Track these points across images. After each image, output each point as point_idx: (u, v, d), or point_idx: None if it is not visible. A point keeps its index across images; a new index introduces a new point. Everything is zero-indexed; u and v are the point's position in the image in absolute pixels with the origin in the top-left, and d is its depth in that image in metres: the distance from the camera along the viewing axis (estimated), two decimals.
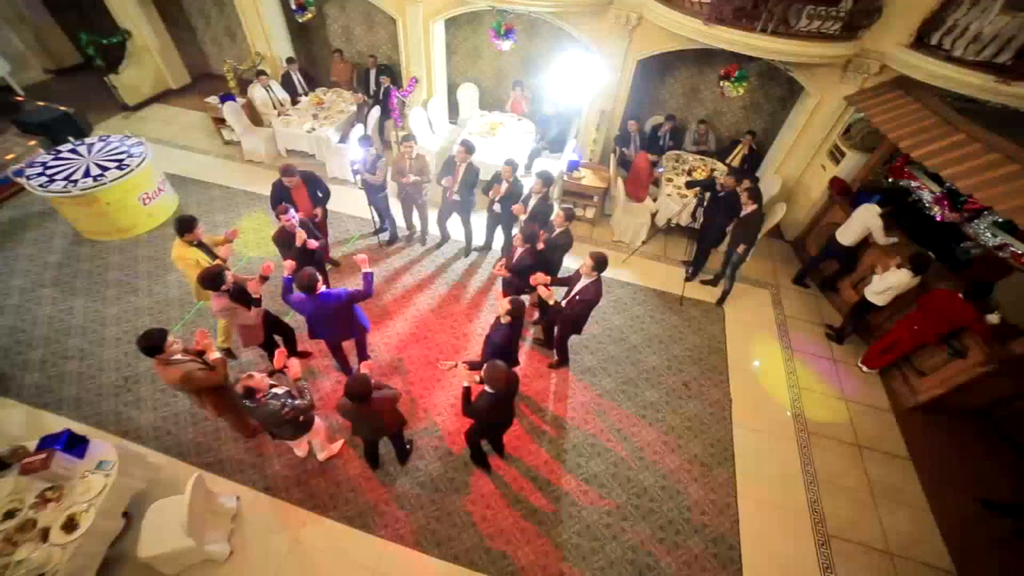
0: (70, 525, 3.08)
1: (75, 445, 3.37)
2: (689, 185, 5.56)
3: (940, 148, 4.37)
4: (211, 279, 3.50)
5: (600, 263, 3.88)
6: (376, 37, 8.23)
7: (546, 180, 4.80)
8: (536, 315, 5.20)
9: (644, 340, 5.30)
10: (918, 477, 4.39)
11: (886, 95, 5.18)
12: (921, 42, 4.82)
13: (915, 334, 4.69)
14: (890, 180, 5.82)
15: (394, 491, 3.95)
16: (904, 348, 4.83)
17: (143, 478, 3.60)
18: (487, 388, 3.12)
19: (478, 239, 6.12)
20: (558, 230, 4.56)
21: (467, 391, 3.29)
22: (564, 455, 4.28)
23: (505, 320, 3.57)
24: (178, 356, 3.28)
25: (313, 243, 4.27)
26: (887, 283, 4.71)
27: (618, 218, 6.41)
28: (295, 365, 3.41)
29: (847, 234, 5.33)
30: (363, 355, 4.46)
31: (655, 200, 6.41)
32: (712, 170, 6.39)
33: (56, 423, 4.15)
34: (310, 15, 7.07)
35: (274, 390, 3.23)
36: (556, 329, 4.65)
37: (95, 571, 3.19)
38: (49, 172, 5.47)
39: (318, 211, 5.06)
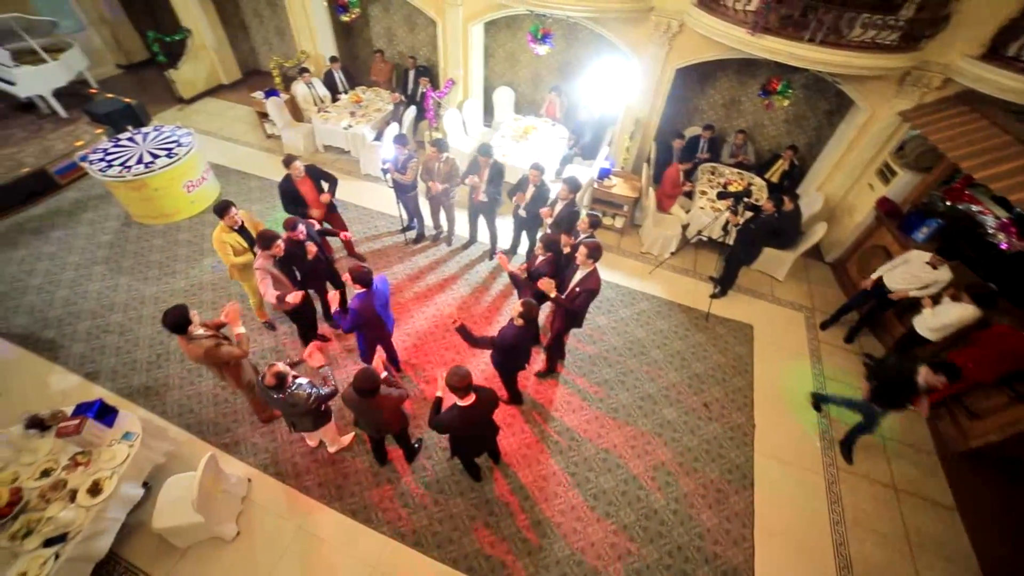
0: (95, 489, 3.25)
1: (106, 414, 3.56)
2: (721, 195, 5.34)
3: (1010, 170, 4.01)
4: (265, 239, 3.81)
5: (595, 250, 3.78)
6: (417, 39, 8.40)
7: (573, 186, 4.73)
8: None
9: (666, 356, 5.11)
10: (965, 531, 4.00)
11: (948, 111, 4.81)
12: (995, 53, 4.46)
13: (971, 372, 4.28)
14: (948, 203, 5.41)
15: (399, 489, 3.96)
16: (956, 386, 4.42)
17: (163, 452, 3.76)
18: (457, 401, 3.01)
19: (503, 242, 6.10)
20: (583, 236, 4.47)
21: (438, 401, 3.19)
22: (573, 467, 4.17)
23: (518, 322, 3.52)
24: (200, 332, 3.41)
25: (314, 248, 4.25)
26: (946, 318, 4.28)
27: (647, 229, 6.24)
28: (317, 354, 3.47)
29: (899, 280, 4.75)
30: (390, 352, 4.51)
31: (687, 212, 6.21)
32: (749, 184, 6.13)
33: (93, 392, 4.42)
34: (353, 15, 7.29)
35: (298, 380, 3.30)
36: (554, 324, 4.49)
37: (114, 536, 3.34)
38: (108, 158, 5.86)
39: (326, 196, 5.07)
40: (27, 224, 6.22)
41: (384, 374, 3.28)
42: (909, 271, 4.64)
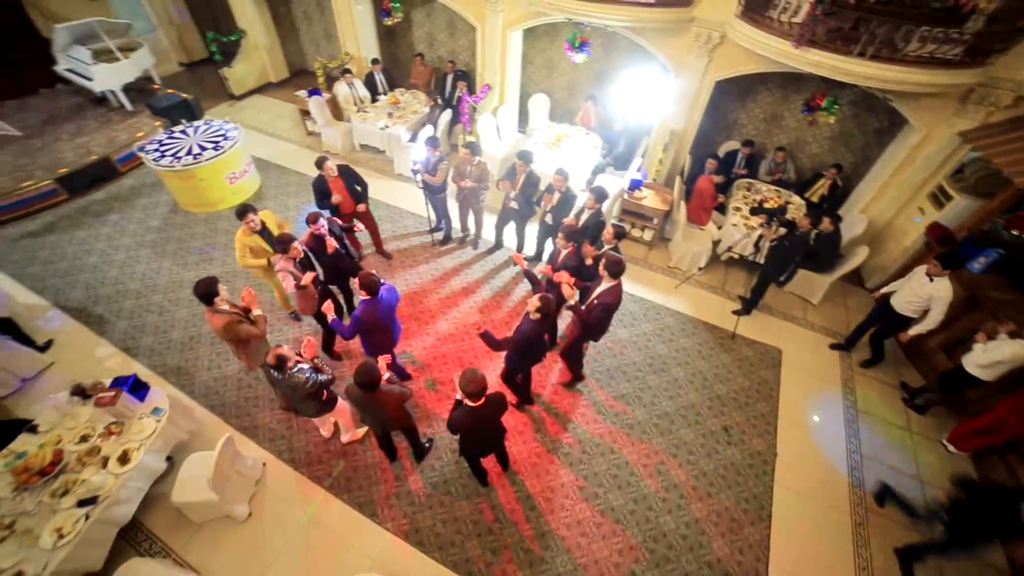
0: (124, 458, 3.45)
1: (138, 389, 3.78)
2: (754, 211, 5.14)
3: None
4: (282, 243, 3.99)
5: (615, 265, 3.66)
6: (457, 44, 8.55)
7: (599, 196, 4.68)
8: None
9: (687, 375, 4.95)
10: None
11: (1018, 132, 4.45)
12: None
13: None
14: (1012, 232, 4.99)
15: (406, 487, 3.99)
16: (1012, 432, 4.01)
17: (187, 430, 3.94)
18: (466, 401, 3.02)
19: (528, 249, 6.10)
20: (607, 247, 4.42)
21: (457, 404, 3.20)
22: (583, 481, 4.09)
23: (535, 316, 3.49)
24: (225, 307, 3.58)
25: (333, 243, 4.35)
26: (998, 355, 3.95)
27: (677, 243, 6.09)
28: (312, 344, 3.57)
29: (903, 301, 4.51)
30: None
31: (719, 228, 6.01)
32: (786, 202, 5.87)
33: (131, 367, 4.70)
34: (395, 19, 7.51)
35: (300, 364, 3.40)
36: (575, 332, 4.41)
37: (137, 504, 3.54)
38: (162, 149, 6.25)
39: (363, 207, 5.25)
40: (90, 207, 6.71)
41: (388, 375, 3.33)
42: (911, 288, 4.37)
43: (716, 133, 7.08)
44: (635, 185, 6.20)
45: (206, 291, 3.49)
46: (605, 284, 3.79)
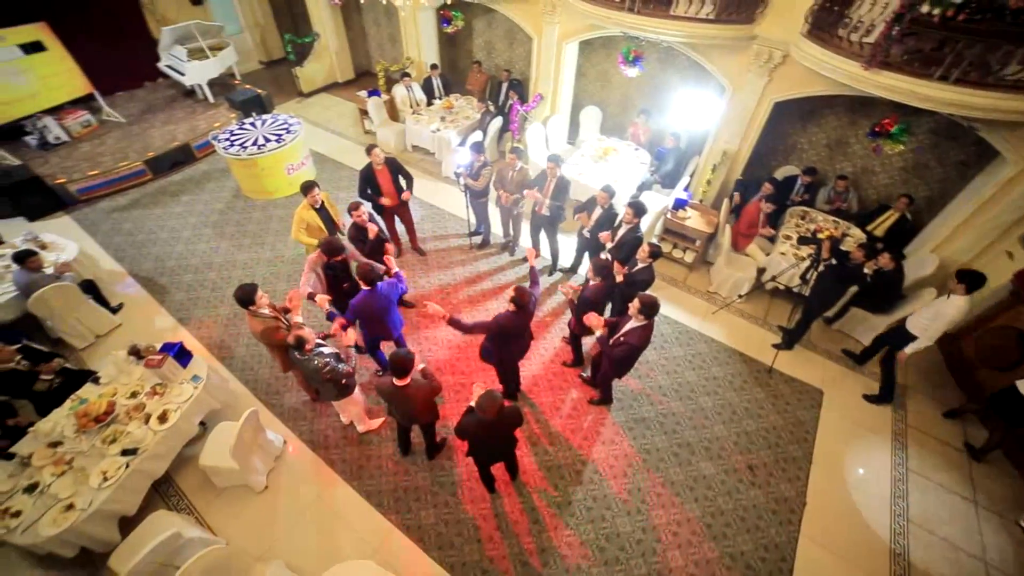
0: (163, 417, 3.76)
1: (183, 356, 4.09)
2: (803, 241, 4.80)
3: None
4: (329, 248, 4.07)
5: (649, 307, 3.50)
6: (514, 53, 8.70)
7: (638, 211, 4.57)
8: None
9: (715, 406, 4.70)
10: None
11: None
12: None
13: None
14: None
15: (415, 482, 4.05)
16: None
17: (220, 400, 4.22)
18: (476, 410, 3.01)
19: (565, 260, 6.05)
20: (640, 265, 4.30)
21: (469, 410, 3.20)
22: (591, 502, 3.97)
23: (509, 307, 3.57)
24: (264, 311, 3.76)
25: (375, 228, 4.56)
26: None
27: (719, 268, 5.81)
28: (351, 333, 3.70)
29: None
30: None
31: (767, 255, 5.68)
32: (843, 233, 5.44)
33: (181, 335, 5.11)
34: (455, 27, 7.76)
35: (322, 348, 3.53)
36: (601, 366, 4.34)
37: (170, 461, 3.85)
38: (232, 139, 6.80)
39: (406, 195, 5.44)
40: (168, 188, 7.40)
41: (422, 366, 3.40)
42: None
43: (773, 157, 6.72)
44: (679, 204, 5.99)
45: (243, 297, 3.62)
46: (634, 323, 3.63)
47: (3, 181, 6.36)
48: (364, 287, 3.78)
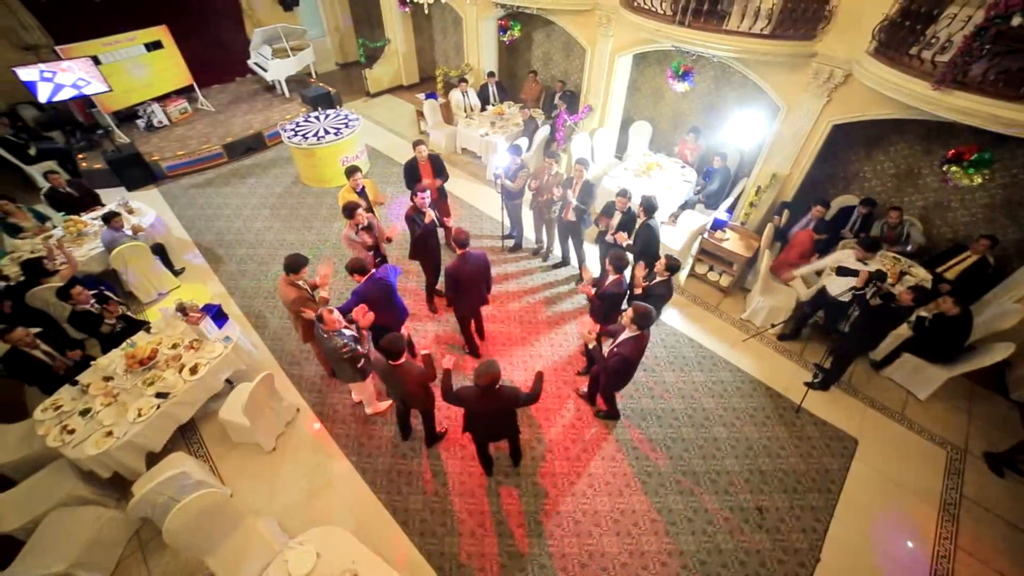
0: (194, 370, 4.13)
1: (219, 318, 4.49)
2: (841, 272, 4.42)
3: None
4: (347, 210, 4.47)
5: (643, 317, 3.37)
6: (571, 65, 8.79)
7: (648, 208, 4.62)
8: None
9: (730, 437, 4.40)
10: None
11: None
12: None
13: None
14: None
15: (409, 467, 4.14)
16: None
17: (246, 363, 4.56)
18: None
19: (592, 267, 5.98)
20: (658, 279, 4.17)
21: (447, 374, 3.32)
22: (580, 515, 3.85)
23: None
24: (301, 283, 4.05)
25: (432, 214, 4.77)
26: None
27: (755, 295, 5.47)
28: (370, 315, 3.87)
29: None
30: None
31: (809, 287, 5.27)
32: (902, 272, 4.90)
33: (226, 301, 5.59)
34: (511, 37, 8.00)
35: (344, 330, 3.73)
36: (600, 380, 4.22)
37: (195, 409, 4.23)
38: (297, 130, 7.41)
39: (437, 181, 5.64)
40: (239, 170, 8.19)
41: (427, 352, 3.50)
42: None
43: (832, 184, 6.25)
44: (718, 225, 5.73)
45: (292, 264, 3.90)
46: (628, 333, 3.52)
47: (115, 156, 7.41)
48: (358, 279, 3.98)
